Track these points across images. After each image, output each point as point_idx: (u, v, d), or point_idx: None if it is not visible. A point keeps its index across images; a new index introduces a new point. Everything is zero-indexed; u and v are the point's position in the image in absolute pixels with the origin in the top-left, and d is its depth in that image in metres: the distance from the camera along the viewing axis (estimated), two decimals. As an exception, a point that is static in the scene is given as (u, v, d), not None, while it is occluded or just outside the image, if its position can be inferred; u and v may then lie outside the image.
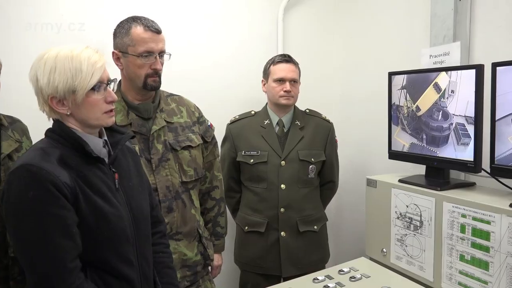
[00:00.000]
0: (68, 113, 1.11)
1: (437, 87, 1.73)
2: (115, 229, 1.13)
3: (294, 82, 2.13)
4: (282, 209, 2.10)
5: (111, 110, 1.17)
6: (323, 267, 2.12)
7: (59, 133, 1.12)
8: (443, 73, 1.70)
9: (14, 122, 1.56)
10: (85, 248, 1.08)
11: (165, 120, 1.66)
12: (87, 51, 1.12)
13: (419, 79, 1.82)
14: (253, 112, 2.26)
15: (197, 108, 1.84)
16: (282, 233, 2.11)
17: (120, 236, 1.14)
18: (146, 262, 1.25)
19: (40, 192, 1.01)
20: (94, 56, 1.12)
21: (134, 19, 1.57)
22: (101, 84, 1.13)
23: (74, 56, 1.09)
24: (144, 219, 1.26)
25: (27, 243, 1.02)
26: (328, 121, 2.26)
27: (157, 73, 1.58)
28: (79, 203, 1.07)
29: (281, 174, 2.11)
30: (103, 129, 1.23)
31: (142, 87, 1.58)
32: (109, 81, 1.16)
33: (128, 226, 1.17)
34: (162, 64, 1.61)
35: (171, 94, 1.78)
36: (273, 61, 2.18)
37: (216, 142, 1.90)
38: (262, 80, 2.23)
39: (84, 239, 1.07)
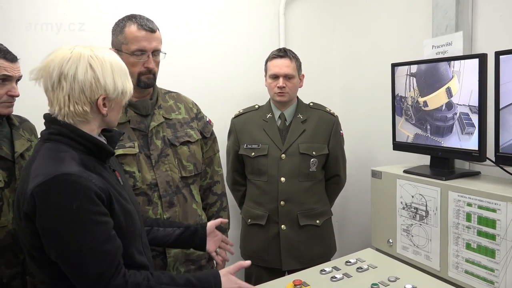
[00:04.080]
0: (106, 114, 1.11)
1: (449, 92, 1.72)
2: (136, 224, 1.17)
3: (289, 77, 2.10)
4: (282, 202, 2.10)
5: None
6: (327, 261, 2.12)
7: (69, 136, 1.08)
8: (455, 77, 1.68)
9: (22, 122, 1.58)
10: None
11: (163, 117, 1.68)
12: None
13: (432, 74, 1.78)
14: (257, 106, 2.27)
15: (195, 104, 1.86)
16: (282, 226, 2.11)
17: (138, 230, 1.18)
18: (147, 249, 1.29)
19: (83, 202, 1.00)
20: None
21: (130, 18, 1.59)
22: None
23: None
24: (139, 211, 1.30)
25: (77, 252, 1.00)
26: (332, 114, 2.24)
27: (150, 71, 1.60)
28: (113, 204, 1.08)
29: (281, 167, 2.11)
30: None
31: (136, 84, 1.59)
32: None
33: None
34: (157, 63, 1.63)
35: (169, 91, 1.79)
36: (269, 57, 2.17)
37: (216, 138, 1.90)
38: (265, 75, 2.23)
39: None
